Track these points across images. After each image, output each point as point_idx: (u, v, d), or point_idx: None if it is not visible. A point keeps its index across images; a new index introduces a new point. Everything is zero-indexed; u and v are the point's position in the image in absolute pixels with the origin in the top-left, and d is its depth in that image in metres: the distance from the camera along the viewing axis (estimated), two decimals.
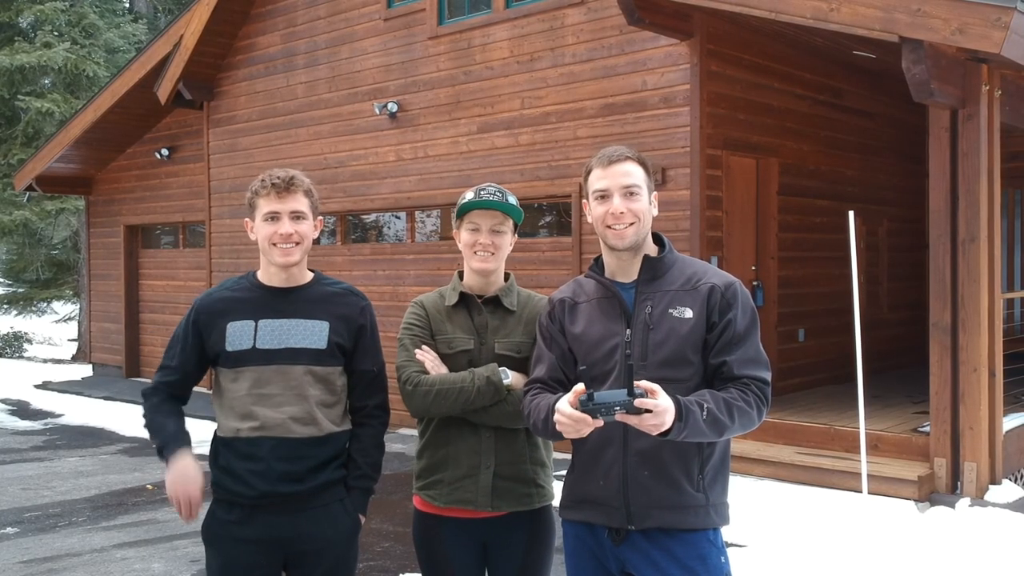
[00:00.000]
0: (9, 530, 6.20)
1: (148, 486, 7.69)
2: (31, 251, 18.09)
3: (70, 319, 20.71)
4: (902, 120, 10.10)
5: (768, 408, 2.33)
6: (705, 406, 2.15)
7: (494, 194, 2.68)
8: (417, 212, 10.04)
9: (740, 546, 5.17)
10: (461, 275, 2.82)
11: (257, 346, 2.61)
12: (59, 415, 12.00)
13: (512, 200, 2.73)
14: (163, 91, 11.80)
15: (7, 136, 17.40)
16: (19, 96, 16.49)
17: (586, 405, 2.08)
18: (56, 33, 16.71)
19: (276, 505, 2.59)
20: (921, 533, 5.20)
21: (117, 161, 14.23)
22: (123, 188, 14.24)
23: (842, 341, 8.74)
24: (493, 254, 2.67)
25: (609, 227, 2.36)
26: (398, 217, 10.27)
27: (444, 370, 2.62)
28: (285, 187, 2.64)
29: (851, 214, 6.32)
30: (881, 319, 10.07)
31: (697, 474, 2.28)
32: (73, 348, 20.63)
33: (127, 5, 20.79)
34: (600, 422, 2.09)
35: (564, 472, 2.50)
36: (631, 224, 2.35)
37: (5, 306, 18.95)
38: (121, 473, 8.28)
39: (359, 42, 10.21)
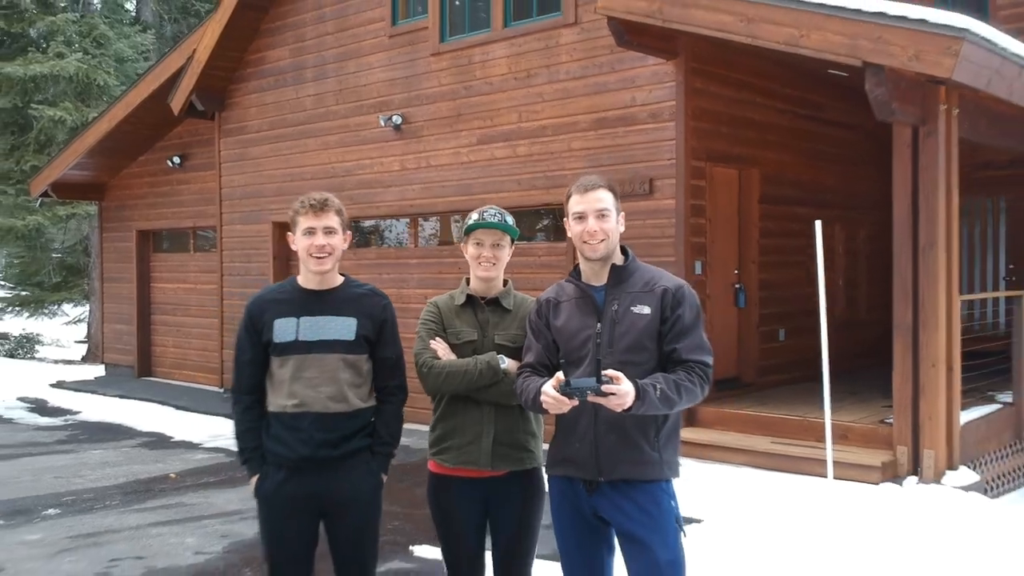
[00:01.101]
0: (51, 511, 6.81)
1: (172, 475, 8.30)
2: (42, 255, 18.69)
3: (79, 321, 21.32)
4: (880, 132, 10.64)
5: (709, 385, 2.96)
6: (658, 387, 2.77)
7: (495, 216, 3.29)
8: (420, 219, 10.66)
9: (697, 521, 5.77)
10: (468, 281, 3.43)
11: (299, 339, 3.23)
12: (77, 412, 12.60)
13: (510, 220, 3.35)
14: (176, 103, 12.42)
15: (20, 143, 18.01)
16: (32, 105, 17.09)
17: (564, 389, 2.71)
18: (67, 44, 17.31)
19: (315, 466, 3.20)
20: (873, 511, 5.81)
21: (129, 168, 14.85)
22: (135, 194, 14.85)
23: (810, 341, 9.34)
24: (494, 264, 3.29)
25: (585, 242, 2.99)
26: (402, 223, 10.89)
27: (453, 357, 3.24)
28: (320, 207, 3.26)
29: (818, 224, 6.92)
30: (860, 320, 10.70)
31: (653, 437, 2.90)
32: (83, 349, 21.24)
33: (133, 14, 21.38)
34: (576, 401, 2.71)
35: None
36: (602, 240, 2.97)
37: (16, 308, 19.56)
38: (144, 464, 8.89)
39: (365, 57, 10.83)
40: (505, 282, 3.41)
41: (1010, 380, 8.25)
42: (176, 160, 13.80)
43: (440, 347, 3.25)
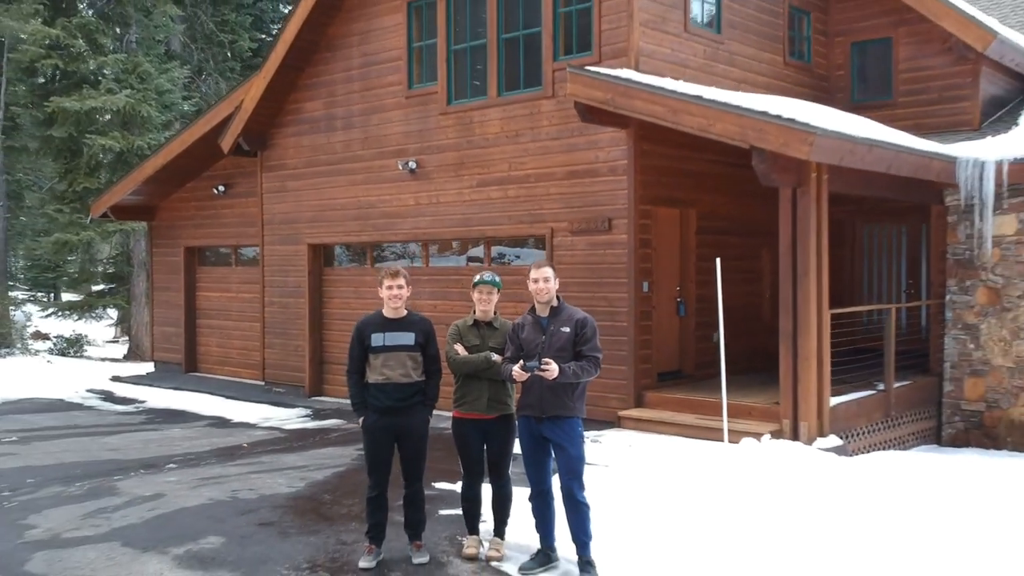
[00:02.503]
0: (171, 466, 9.63)
1: (244, 444, 11.10)
2: (91, 265, 21.48)
3: (120, 323, 24.12)
4: None
5: (599, 369, 5.76)
6: (571, 367, 5.58)
7: (489, 277, 6.10)
8: (430, 244, 13.45)
9: (604, 466, 8.58)
10: (474, 311, 6.22)
11: (385, 344, 6.02)
12: (143, 401, 15.40)
13: (497, 279, 6.14)
14: (226, 143, 15.23)
15: (72, 167, 20.78)
16: (86, 135, 19.86)
17: (523, 367, 5.54)
18: (117, 80, 20.07)
19: (393, 412, 6.00)
20: (748, 461, 8.61)
21: (178, 193, 17.64)
22: (183, 216, 17.66)
23: (745, 342, 12.16)
24: (488, 304, 6.09)
25: (537, 294, 5.80)
26: (415, 247, 13.68)
27: (466, 354, 6.04)
28: (394, 275, 6.05)
29: (717, 260, 9.75)
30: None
31: (570, 394, 5.71)
32: (124, 348, 24.08)
33: (165, 47, 24.13)
34: (528, 375, 5.54)
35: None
36: (545, 294, 5.78)
37: (66, 312, 22.36)
38: (218, 438, 11.68)
39: (386, 113, 13.64)
40: (495, 313, 6.22)
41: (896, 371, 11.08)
42: (221, 188, 16.60)
43: (459, 348, 6.05)
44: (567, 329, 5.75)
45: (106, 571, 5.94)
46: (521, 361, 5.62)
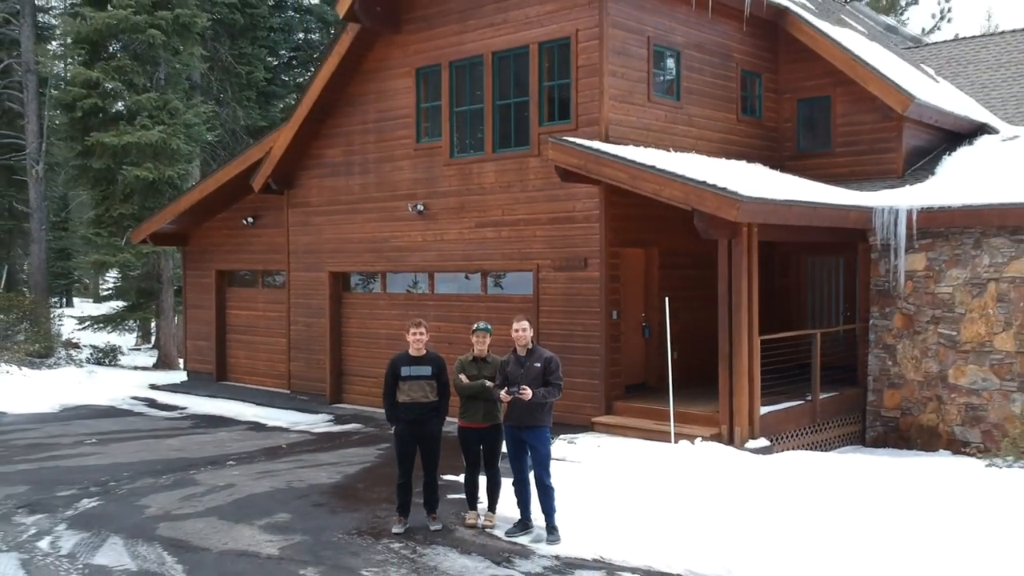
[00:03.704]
0: (231, 462, 12.22)
1: (283, 445, 13.69)
2: (126, 283, 24.07)
3: (147, 335, 26.73)
4: None
5: (561, 392, 8.38)
6: (541, 392, 8.20)
7: (484, 325, 8.72)
8: (435, 274, 16.04)
9: (577, 463, 11.19)
10: (474, 349, 8.82)
11: (411, 375, 8.62)
12: (184, 407, 17.99)
13: (489, 327, 8.76)
14: (257, 183, 17.84)
15: (108, 194, 23.37)
16: (123, 167, 22.44)
17: (507, 392, 8.16)
18: (150, 117, 22.65)
19: (416, 423, 8.59)
20: (690, 458, 11.21)
21: (209, 223, 20.24)
22: (214, 242, 20.26)
23: (700, 359, 14.76)
24: (484, 346, 8.70)
25: (517, 340, 8.42)
26: (423, 277, 16.28)
27: (467, 381, 8.64)
28: (418, 325, 8.68)
29: (666, 299, 12.36)
30: None
31: (542, 410, 8.32)
32: (146, 356, 26.71)
33: (188, 80, 26.70)
34: (510, 397, 8.16)
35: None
36: (524, 340, 8.40)
37: (100, 325, 24.99)
38: (260, 440, 14.26)
39: (397, 161, 16.25)
40: (488, 350, 8.82)
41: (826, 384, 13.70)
42: (250, 220, 19.20)
43: (463, 378, 8.65)
44: (539, 364, 8.36)
45: (215, 535, 8.54)
46: (506, 387, 8.23)
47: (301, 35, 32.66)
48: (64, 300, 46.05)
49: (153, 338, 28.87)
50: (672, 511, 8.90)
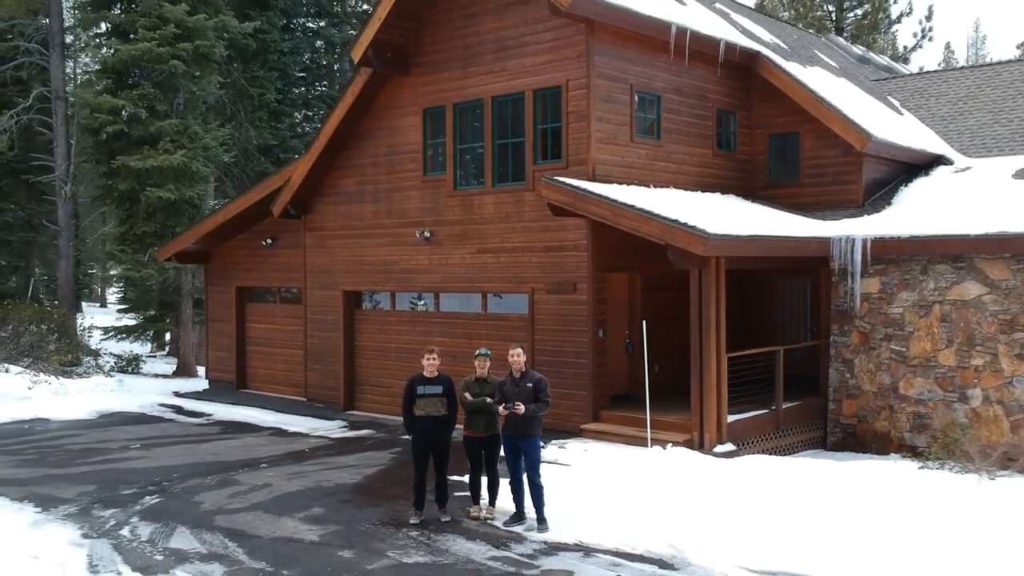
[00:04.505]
0: (264, 464, 14.15)
1: (306, 449, 15.60)
2: (148, 296, 26.04)
3: (164, 343, 28.67)
4: None
5: (549, 407, 10.34)
6: (532, 407, 10.14)
7: (485, 351, 10.66)
8: (440, 294, 17.98)
9: (567, 465, 13.12)
10: (476, 371, 10.76)
11: (425, 393, 10.55)
12: (210, 414, 19.90)
13: (490, 352, 10.71)
14: (277, 209, 19.78)
15: (132, 213, 25.31)
16: (146, 188, 24.37)
17: (504, 408, 10.12)
18: (172, 141, 24.58)
19: (430, 432, 10.51)
20: (666, 460, 13.14)
21: (230, 243, 22.17)
22: (234, 261, 22.20)
23: (677, 373, 16.66)
24: (485, 368, 10.63)
25: (512, 365, 10.37)
26: (429, 297, 18.21)
27: (471, 398, 10.57)
28: (431, 352, 10.62)
29: (644, 323, 14.30)
30: None
31: (533, 422, 10.26)
32: (162, 362, 28.66)
33: (204, 102, 28.63)
34: (507, 412, 10.12)
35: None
36: (518, 366, 10.35)
37: (123, 335, 26.93)
38: (285, 444, 16.17)
39: (406, 192, 18.18)
40: (488, 372, 10.75)
41: (791, 394, 15.64)
42: (269, 241, 21.13)
43: (468, 395, 10.57)
44: (531, 384, 10.30)
45: (264, 526, 10.47)
46: (504, 403, 10.16)
47: (308, 56, 34.60)
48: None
49: (167, 346, 30.83)
50: (640, 505, 10.83)
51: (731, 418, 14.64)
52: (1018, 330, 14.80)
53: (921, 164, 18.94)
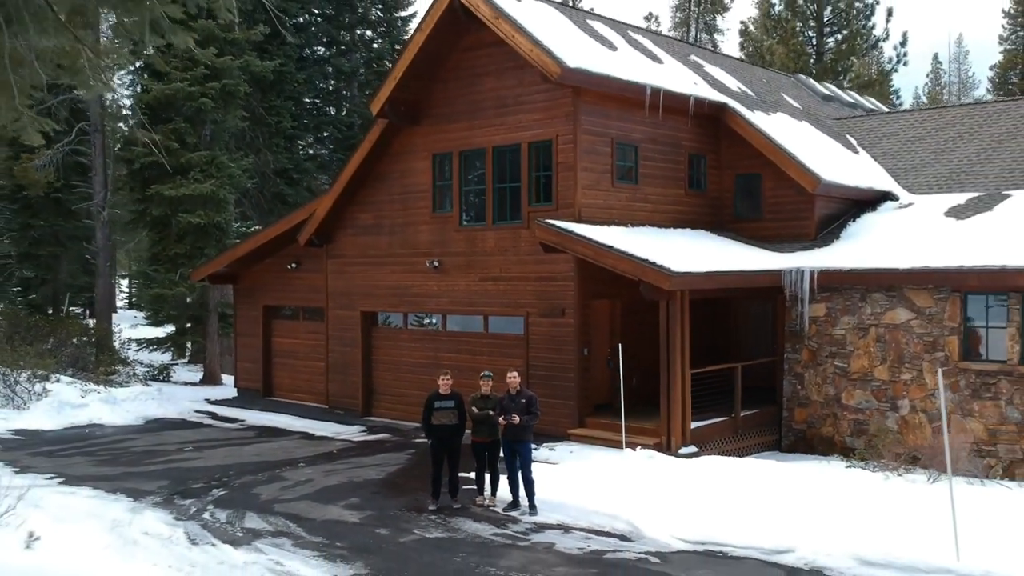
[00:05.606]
0: (302, 464, 17.17)
1: (333, 451, 18.62)
2: (179, 311, 29.09)
3: (185, 353, 31.74)
4: None
5: (539, 417, 13.41)
6: (526, 418, 13.20)
7: (488, 375, 13.72)
8: (447, 316, 21.01)
9: (555, 464, 16.17)
10: (481, 388, 13.81)
11: (440, 406, 13.59)
12: (242, 420, 22.92)
13: (492, 374, 13.77)
14: (303, 239, 22.83)
15: (164, 236, 28.35)
16: (179, 214, 27.41)
17: (503, 420, 13.19)
18: (201, 171, 27.63)
19: (444, 439, 13.53)
20: (638, 461, 16.16)
21: (258, 266, 25.20)
22: (261, 282, 25.24)
23: (652, 385, 19.70)
24: (488, 387, 13.68)
25: (510, 385, 13.44)
26: (437, 318, 21.24)
27: (476, 411, 13.60)
28: (445, 374, 13.67)
29: (620, 346, 17.35)
30: None
31: (527, 430, 13.30)
32: (187, 370, 31.71)
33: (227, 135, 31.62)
34: (506, 422, 13.20)
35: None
36: (515, 385, 13.41)
37: (154, 346, 29.98)
38: (315, 446, 19.17)
39: (417, 226, 21.23)
40: (491, 389, 13.79)
41: (751, 403, 18.68)
42: (293, 265, 24.18)
43: (474, 409, 13.59)
44: (524, 400, 13.35)
45: (314, 511, 13.49)
46: (503, 416, 13.23)
47: (320, 83, 37.69)
48: (87, 312, 51.09)
49: (188, 355, 33.89)
50: (610, 495, 13.87)
51: (694, 424, 17.68)
52: (939, 350, 17.85)
53: (869, 200, 21.97)
